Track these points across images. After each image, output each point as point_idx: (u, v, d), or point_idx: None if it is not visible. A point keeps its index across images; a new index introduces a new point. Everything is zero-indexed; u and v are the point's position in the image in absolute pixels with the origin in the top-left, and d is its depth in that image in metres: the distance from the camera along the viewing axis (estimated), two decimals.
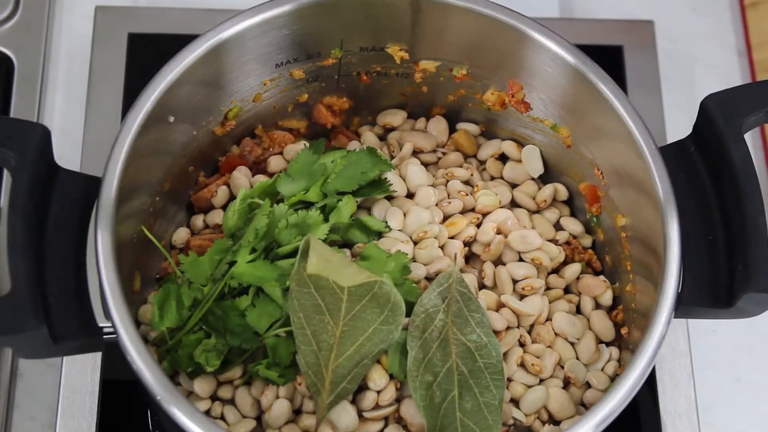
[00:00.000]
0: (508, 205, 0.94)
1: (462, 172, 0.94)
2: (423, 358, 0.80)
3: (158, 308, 0.82)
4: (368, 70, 0.95)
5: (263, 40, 0.88)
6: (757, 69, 1.15)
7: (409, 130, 0.98)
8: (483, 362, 0.81)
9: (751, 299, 0.76)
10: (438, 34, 0.91)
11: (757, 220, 0.77)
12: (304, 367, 0.81)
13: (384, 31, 0.91)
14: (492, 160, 0.97)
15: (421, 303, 0.81)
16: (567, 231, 0.93)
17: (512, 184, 0.96)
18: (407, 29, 0.91)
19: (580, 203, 0.95)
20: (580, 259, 0.93)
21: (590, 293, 0.90)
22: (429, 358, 0.81)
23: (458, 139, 0.97)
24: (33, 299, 0.73)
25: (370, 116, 1.00)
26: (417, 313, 0.81)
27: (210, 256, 0.84)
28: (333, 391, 0.81)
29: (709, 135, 0.81)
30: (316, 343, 0.80)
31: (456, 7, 0.88)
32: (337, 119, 0.98)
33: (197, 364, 0.82)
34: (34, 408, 0.98)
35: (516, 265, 0.89)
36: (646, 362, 0.76)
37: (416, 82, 0.95)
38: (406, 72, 0.95)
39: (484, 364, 0.81)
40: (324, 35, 0.90)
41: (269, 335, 0.82)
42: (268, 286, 0.82)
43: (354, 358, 0.80)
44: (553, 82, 0.90)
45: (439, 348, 0.81)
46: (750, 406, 1.02)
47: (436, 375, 0.81)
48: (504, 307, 0.87)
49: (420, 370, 0.80)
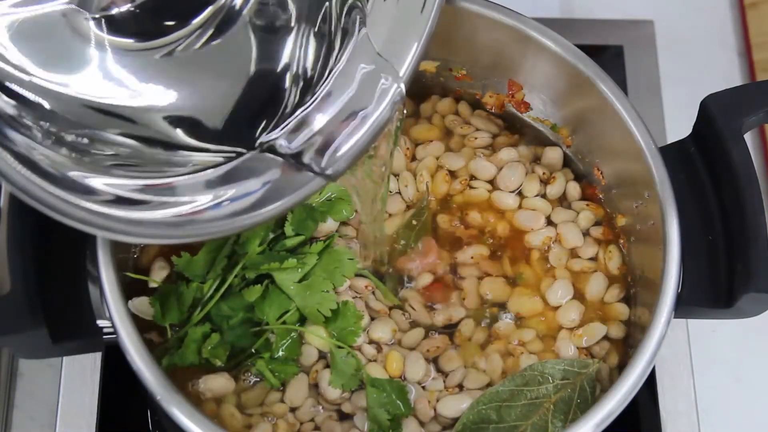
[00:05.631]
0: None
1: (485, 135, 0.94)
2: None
3: (160, 305, 0.82)
4: None
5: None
6: (757, 69, 1.15)
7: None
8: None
9: (751, 299, 0.76)
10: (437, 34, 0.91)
11: (757, 220, 0.77)
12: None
13: None
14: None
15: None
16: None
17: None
18: None
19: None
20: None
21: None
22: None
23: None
24: (33, 299, 0.73)
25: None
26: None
27: (204, 254, 0.84)
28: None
29: (709, 135, 0.81)
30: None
31: (456, 8, 0.87)
32: None
33: (205, 359, 0.82)
34: (34, 408, 0.98)
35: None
36: (646, 362, 0.76)
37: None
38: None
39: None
40: None
41: (278, 324, 0.83)
42: (281, 276, 0.82)
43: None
44: (553, 82, 0.90)
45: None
46: (750, 406, 1.02)
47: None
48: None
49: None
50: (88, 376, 0.94)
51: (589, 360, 0.84)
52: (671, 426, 0.95)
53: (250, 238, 0.84)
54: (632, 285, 0.88)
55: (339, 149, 0.67)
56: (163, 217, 0.67)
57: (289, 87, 0.69)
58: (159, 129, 0.69)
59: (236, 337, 0.83)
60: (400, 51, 0.69)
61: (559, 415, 0.81)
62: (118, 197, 0.67)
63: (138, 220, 0.67)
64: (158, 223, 0.67)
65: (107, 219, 0.67)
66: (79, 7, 0.67)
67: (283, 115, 0.68)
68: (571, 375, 0.82)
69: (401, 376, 0.85)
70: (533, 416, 0.81)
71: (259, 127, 0.68)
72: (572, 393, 0.82)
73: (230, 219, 0.67)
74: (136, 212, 0.67)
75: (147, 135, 0.69)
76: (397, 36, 0.69)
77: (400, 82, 0.68)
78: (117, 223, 0.67)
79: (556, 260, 0.90)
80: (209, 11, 0.69)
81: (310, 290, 0.83)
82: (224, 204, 0.67)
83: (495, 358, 0.85)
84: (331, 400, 0.83)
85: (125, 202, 0.67)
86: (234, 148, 0.68)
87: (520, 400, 0.81)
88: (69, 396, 0.93)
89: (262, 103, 0.69)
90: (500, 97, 0.94)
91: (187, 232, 0.68)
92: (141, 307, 0.82)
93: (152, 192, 0.67)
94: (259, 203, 0.67)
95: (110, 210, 0.67)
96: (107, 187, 0.67)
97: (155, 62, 0.69)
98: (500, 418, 0.81)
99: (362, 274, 0.87)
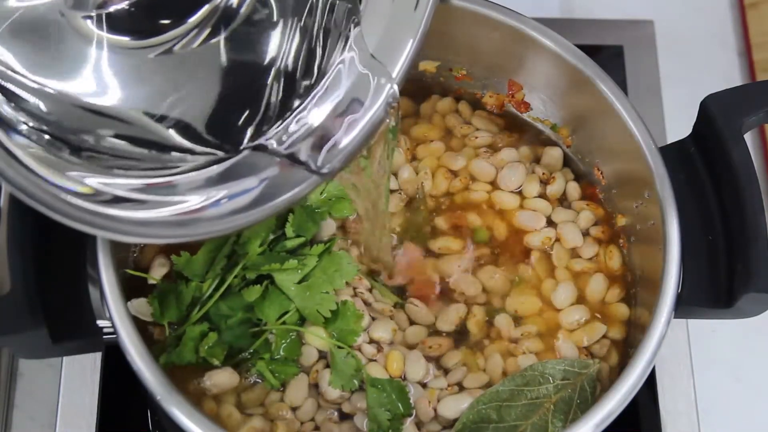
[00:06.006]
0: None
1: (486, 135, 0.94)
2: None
3: (159, 303, 0.82)
4: None
5: None
6: (757, 69, 1.15)
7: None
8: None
9: (751, 299, 0.76)
10: (438, 34, 0.91)
11: (757, 220, 0.77)
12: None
13: None
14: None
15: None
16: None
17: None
18: None
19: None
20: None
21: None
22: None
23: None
24: (33, 299, 0.73)
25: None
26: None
27: (204, 254, 0.84)
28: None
29: (709, 135, 0.81)
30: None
31: (456, 8, 0.88)
32: None
33: (202, 358, 0.82)
34: (34, 408, 0.98)
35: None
36: (646, 362, 0.76)
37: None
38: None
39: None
40: None
41: (277, 324, 0.83)
42: (281, 277, 0.82)
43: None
44: (553, 82, 0.90)
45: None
46: (750, 406, 1.02)
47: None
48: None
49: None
50: (88, 376, 0.94)
51: (590, 360, 0.84)
52: (671, 426, 0.95)
53: (251, 238, 0.84)
54: (632, 285, 0.88)
55: (334, 148, 0.67)
56: (160, 216, 0.67)
57: (284, 86, 0.69)
58: (152, 129, 0.69)
59: (234, 337, 0.83)
60: (394, 51, 0.69)
61: (559, 415, 0.81)
62: (116, 197, 0.67)
63: (136, 220, 0.67)
64: (156, 223, 0.67)
65: (104, 219, 0.67)
66: (75, 4, 0.68)
67: (279, 113, 0.69)
68: (572, 375, 0.82)
69: (402, 376, 0.84)
70: (533, 416, 0.81)
71: (253, 126, 0.68)
72: (572, 393, 0.82)
73: (229, 217, 0.67)
74: (134, 212, 0.67)
75: (141, 135, 0.69)
76: (391, 36, 0.70)
77: (393, 83, 0.68)
78: (114, 222, 0.67)
79: (557, 260, 0.90)
80: (205, 10, 0.69)
81: (310, 291, 0.83)
82: (222, 202, 0.67)
83: (495, 358, 0.85)
84: (331, 400, 0.83)
85: (123, 201, 0.67)
86: (229, 147, 0.68)
87: (521, 400, 0.81)
88: (69, 396, 0.93)
89: (257, 102, 0.69)
90: (500, 97, 0.94)
91: (185, 232, 0.68)
92: (140, 308, 0.82)
93: (150, 191, 0.68)
94: (256, 201, 0.67)
95: (108, 210, 0.67)
96: (105, 187, 0.67)
97: (150, 61, 0.69)
98: (500, 417, 0.81)
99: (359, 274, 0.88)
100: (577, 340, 0.86)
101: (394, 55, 0.69)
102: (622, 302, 0.88)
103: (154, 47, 0.69)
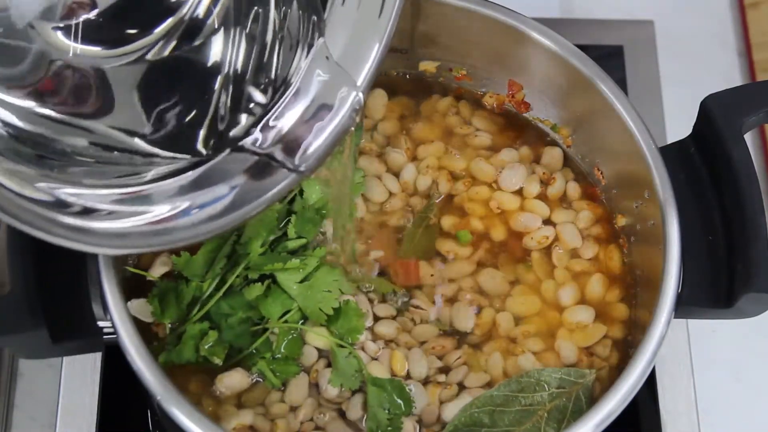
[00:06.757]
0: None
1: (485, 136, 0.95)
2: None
3: (159, 302, 0.82)
4: None
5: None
6: (757, 69, 1.15)
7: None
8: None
9: (751, 299, 0.76)
10: (438, 34, 0.91)
11: (757, 220, 0.77)
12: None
13: None
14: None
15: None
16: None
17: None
18: (407, 29, 0.91)
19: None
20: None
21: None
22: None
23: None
24: (33, 299, 0.73)
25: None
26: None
27: (203, 254, 0.84)
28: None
29: (709, 135, 0.81)
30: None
31: (456, 7, 0.88)
32: None
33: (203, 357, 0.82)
34: (34, 408, 0.98)
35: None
36: (646, 362, 0.76)
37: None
38: (406, 72, 0.95)
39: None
40: None
41: (280, 323, 0.83)
42: (283, 276, 0.83)
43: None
44: (554, 82, 0.90)
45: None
46: (750, 406, 1.02)
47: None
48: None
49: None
50: (88, 376, 0.94)
51: (586, 370, 0.84)
52: (671, 426, 0.95)
53: (252, 238, 0.84)
54: (632, 285, 0.88)
55: (305, 152, 0.69)
56: (135, 226, 0.68)
57: (251, 92, 0.71)
58: (116, 137, 0.70)
59: (235, 336, 0.83)
60: (359, 58, 0.70)
61: (552, 423, 0.81)
62: (87, 208, 0.68)
63: (109, 231, 0.68)
64: (130, 234, 0.68)
65: (75, 231, 0.67)
66: (42, 16, 0.68)
67: (247, 118, 0.70)
68: (568, 384, 0.82)
69: (405, 375, 0.84)
70: (526, 423, 0.81)
71: (206, 129, 0.70)
72: (567, 402, 0.82)
73: (206, 223, 0.68)
74: (106, 222, 0.68)
75: (106, 143, 0.70)
76: (356, 43, 0.71)
77: (359, 90, 0.69)
78: (85, 234, 0.68)
79: (557, 260, 0.90)
80: (171, 21, 0.71)
81: (312, 290, 0.83)
82: (193, 211, 0.68)
83: (495, 358, 0.85)
84: (331, 399, 0.83)
85: (94, 212, 0.68)
86: (190, 152, 0.70)
87: (514, 406, 0.81)
88: (69, 396, 0.93)
89: (223, 108, 0.71)
90: (500, 97, 0.94)
91: (162, 240, 0.68)
92: (140, 309, 0.82)
93: (123, 202, 0.68)
94: (233, 204, 0.68)
95: (79, 221, 0.67)
96: (75, 198, 0.68)
97: (116, 71, 0.70)
98: (493, 422, 0.81)
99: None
100: (577, 341, 0.86)
101: (359, 63, 0.70)
102: (622, 302, 0.88)
103: (126, 56, 0.70)
